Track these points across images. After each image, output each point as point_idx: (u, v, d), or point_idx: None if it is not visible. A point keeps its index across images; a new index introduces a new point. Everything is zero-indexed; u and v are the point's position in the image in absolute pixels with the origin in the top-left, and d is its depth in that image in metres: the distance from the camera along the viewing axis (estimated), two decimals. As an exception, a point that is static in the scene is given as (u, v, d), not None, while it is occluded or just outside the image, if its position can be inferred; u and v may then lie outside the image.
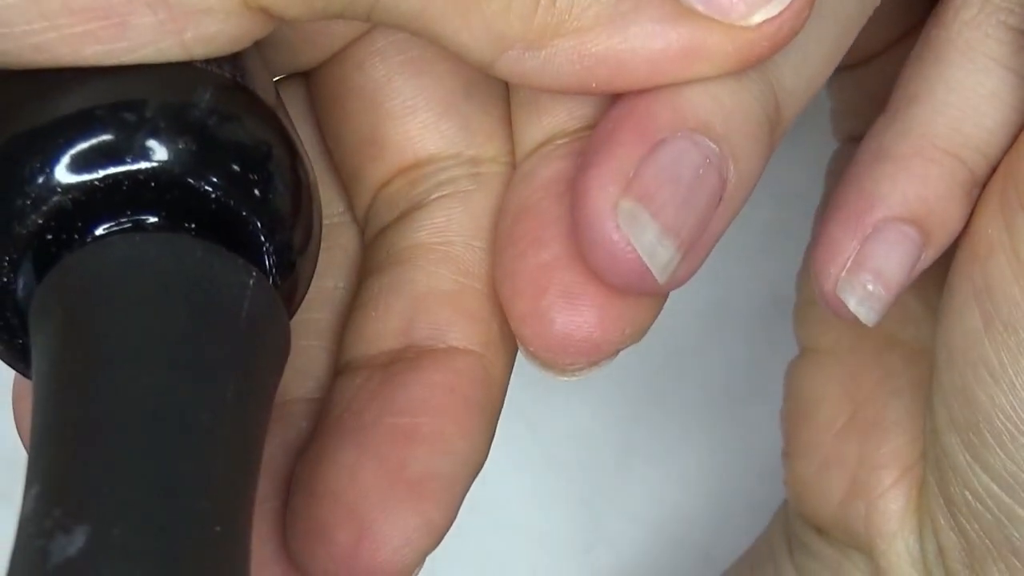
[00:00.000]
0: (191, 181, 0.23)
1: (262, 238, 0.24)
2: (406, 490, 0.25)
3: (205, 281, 0.22)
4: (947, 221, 0.28)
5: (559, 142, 0.27)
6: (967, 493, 0.29)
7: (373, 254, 0.29)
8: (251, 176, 0.24)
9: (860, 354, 0.34)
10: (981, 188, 0.29)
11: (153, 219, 0.23)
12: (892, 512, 0.32)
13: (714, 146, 0.25)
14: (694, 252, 0.25)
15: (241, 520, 0.21)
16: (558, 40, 0.24)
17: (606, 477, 0.44)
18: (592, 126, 0.26)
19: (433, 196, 0.28)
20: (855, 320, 0.28)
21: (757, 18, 0.24)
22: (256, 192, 0.24)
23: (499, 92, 0.28)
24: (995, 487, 0.29)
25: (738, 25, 0.24)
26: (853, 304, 0.28)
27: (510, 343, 0.27)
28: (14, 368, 0.24)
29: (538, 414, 0.44)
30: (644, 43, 0.24)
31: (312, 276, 0.25)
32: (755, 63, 0.25)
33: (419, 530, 0.25)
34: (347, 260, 0.29)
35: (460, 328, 0.27)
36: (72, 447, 0.20)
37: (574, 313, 0.25)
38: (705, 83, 0.25)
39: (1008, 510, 0.29)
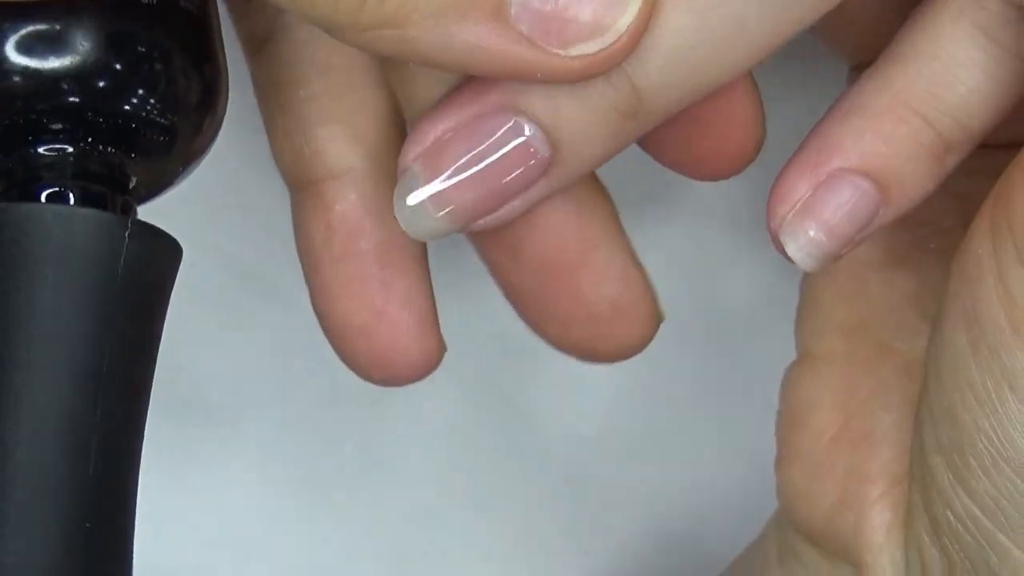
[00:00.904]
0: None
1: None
2: None
3: (77, 252, 0.22)
4: (908, 182, 0.28)
5: None
6: (950, 514, 0.30)
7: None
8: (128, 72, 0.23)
9: (854, 362, 0.34)
10: (957, 158, 0.29)
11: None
12: (880, 525, 0.32)
13: (531, 127, 0.27)
14: (487, 216, 0.28)
15: (120, 518, 0.22)
16: (381, 30, 0.25)
17: (605, 477, 0.44)
18: None
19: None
20: (795, 263, 0.29)
21: (574, 52, 0.26)
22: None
23: None
24: (976, 511, 0.29)
25: (555, 53, 0.26)
26: (791, 248, 0.28)
27: None
28: None
29: (534, 412, 0.44)
30: (461, 50, 0.26)
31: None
32: (563, 83, 0.27)
33: None
34: None
35: None
36: None
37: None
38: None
39: (988, 535, 0.29)
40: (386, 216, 0.30)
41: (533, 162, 0.27)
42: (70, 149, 0.23)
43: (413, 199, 0.27)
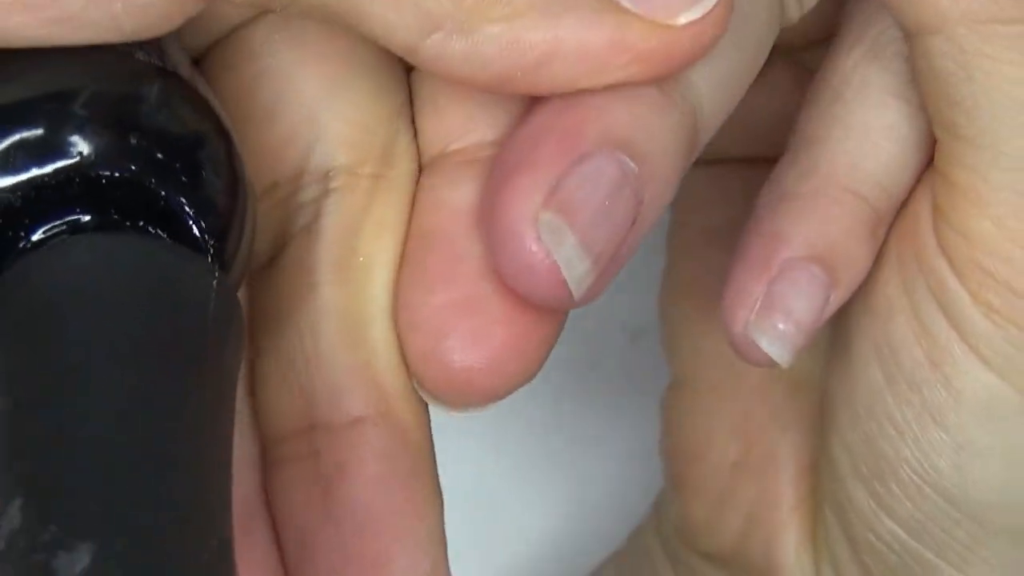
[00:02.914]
0: (134, 176, 0.22)
1: (201, 232, 0.23)
2: None
3: (172, 282, 0.22)
4: (852, 260, 0.28)
5: (457, 160, 0.27)
6: (871, 536, 0.30)
7: (258, 300, 0.27)
8: (190, 169, 0.23)
9: (746, 391, 0.34)
10: (886, 227, 0.29)
11: (87, 218, 0.23)
12: (789, 544, 0.33)
13: (633, 165, 0.25)
14: (607, 270, 0.25)
15: (230, 529, 0.21)
16: (487, 25, 0.24)
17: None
18: (492, 143, 0.26)
19: (297, 227, 0.27)
20: (768, 363, 0.28)
21: (682, 19, 0.25)
22: (195, 185, 0.23)
23: (362, 98, 0.27)
24: (902, 533, 0.30)
25: (664, 24, 0.25)
26: (765, 343, 0.28)
27: (409, 379, 0.27)
28: None
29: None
30: (574, 33, 0.24)
31: (247, 270, 0.25)
32: (678, 66, 0.25)
33: None
34: None
35: (357, 393, 0.26)
36: (55, 460, 0.20)
37: (476, 356, 0.25)
38: (630, 101, 0.25)
39: (915, 554, 0.30)
40: (256, 466, 0.27)
41: (633, 196, 0.25)
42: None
43: (568, 250, 0.24)
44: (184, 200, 0.23)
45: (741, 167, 0.34)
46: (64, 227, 0.22)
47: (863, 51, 0.29)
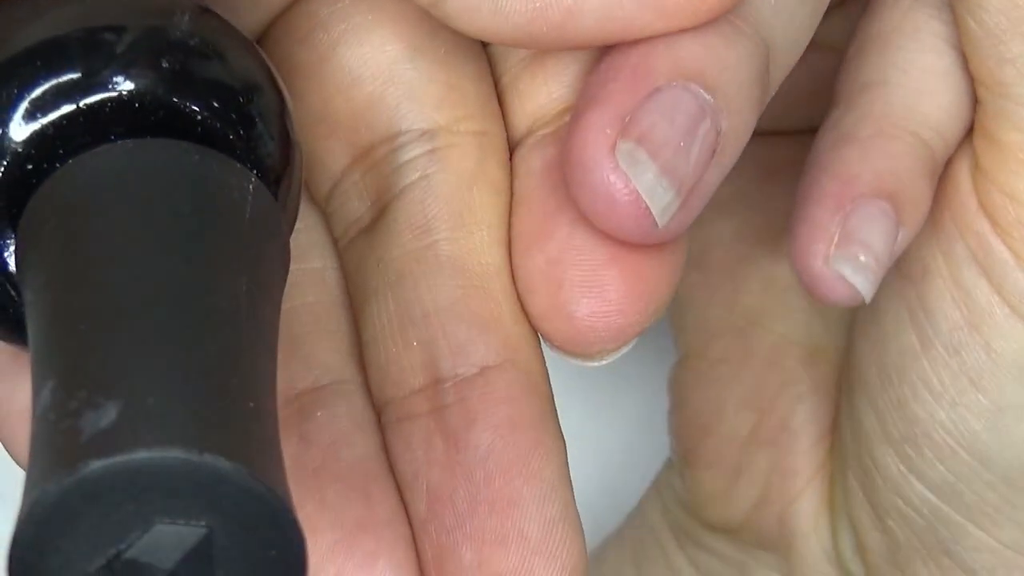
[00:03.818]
0: (176, 102, 0.23)
1: (249, 161, 0.24)
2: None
3: (208, 182, 0.22)
4: (917, 198, 0.28)
5: (543, 131, 0.27)
6: (899, 500, 0.30)
7: (360, 262, 0.27)
8: (237, 98, 0.24)
9: (756, 361, 0.34)
10: (939, 173, 0.29)
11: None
12: (806, 512, 0.33)
13: (709, 96, 0.25)
14: (690, 201, 0.25)
15: (271, 404, 0.21)
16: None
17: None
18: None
19: (401, 186, 0.27)
20: (849, 297, 0.28)
21: None
22: (241, 114, 0.24)
23: (444, 57, 0.27)
24: (931, 496, 0.30)
25: None
26: (849, 273, 0.28)
27: (533, 328, 0.27)
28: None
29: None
30: (630, 11, 0.24)
31: (298, 206, 0.25)
32: (705, 20, 0.25)
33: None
34: (322, 239, 0.28)
35: (483, 342, 0.26)
36: (91, 335, 0.20)
37: (593, 303, 0.25)
38: (701, 34, 0.25)
39: (944, 516, 0.30)
40: (372, 427, 0.26)
41: (712, 126, 0.25)
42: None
43: (648, 175, 0.24)
44: (220, 123, 0.23)
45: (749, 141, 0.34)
46: None
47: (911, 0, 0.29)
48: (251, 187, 0.22)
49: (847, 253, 0.28)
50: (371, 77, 0.27)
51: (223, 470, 0.19)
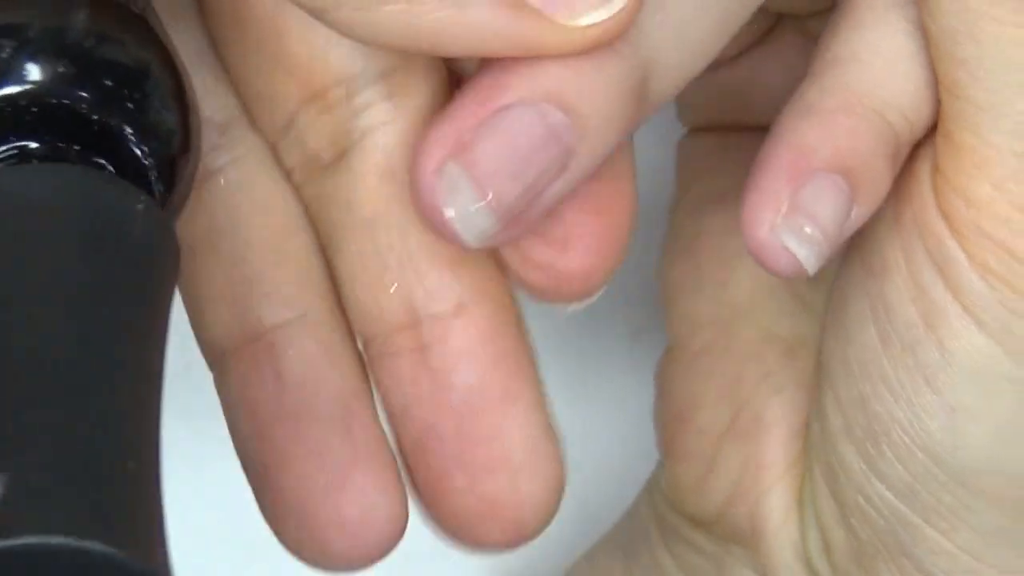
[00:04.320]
0: (69, 102, 0.23)
1: (143, 155, 0.24)
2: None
3: (92, 210, 0.22)
4: (875, 177, 0.28)
5: None
6: (861, 499, 0.30)
7: (326, 201, 0.28)
8: (129, 93, 0.24)
9: (736, 354, 0.34)
10: (904, 156, 0.29)
11: (35, 144, 0.23)
12: (776, 508, 0.33)
13: (564, 116, 0.25)
14: (519, 219, 0.25)
15: (151, 453, 0.21)
16: (390, 5, 0.24)
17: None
18: None
19: (361, 128, 0.28)
20: (793, 268, 0.28)
21: (584, 20, 0.25)
22: (134, 109, 0.24)
23: None
24: (890, 495, 0.30)
25: (563, 24, 0.25)
26: (794, 244, 0.28)
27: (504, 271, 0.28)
28: None
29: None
30: (472, 22, 0.24)
31: (190, 190, 0.25)
32: (572, 56, 0.25)
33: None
34: (274, 172, 0.29)
35: (458, 281, 0.28)
36: None
37: (568, 255, 0.27)
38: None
39: (903, 516, 0.30)
40: (344, 360, 0.28)
41: (562, 150, 0.25)
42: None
43: (464, 201, 0.25)
44: (113, 120, 0.24)
45: (746, 135, 0.34)
46: (15, 152, 0.23)
47: None
48: (140, 207, 0.22)
49: (793, 224, 0.28)
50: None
51: (102, 556, 0.19)
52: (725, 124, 0.35)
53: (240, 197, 0.28)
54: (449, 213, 0.25)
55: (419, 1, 0.24)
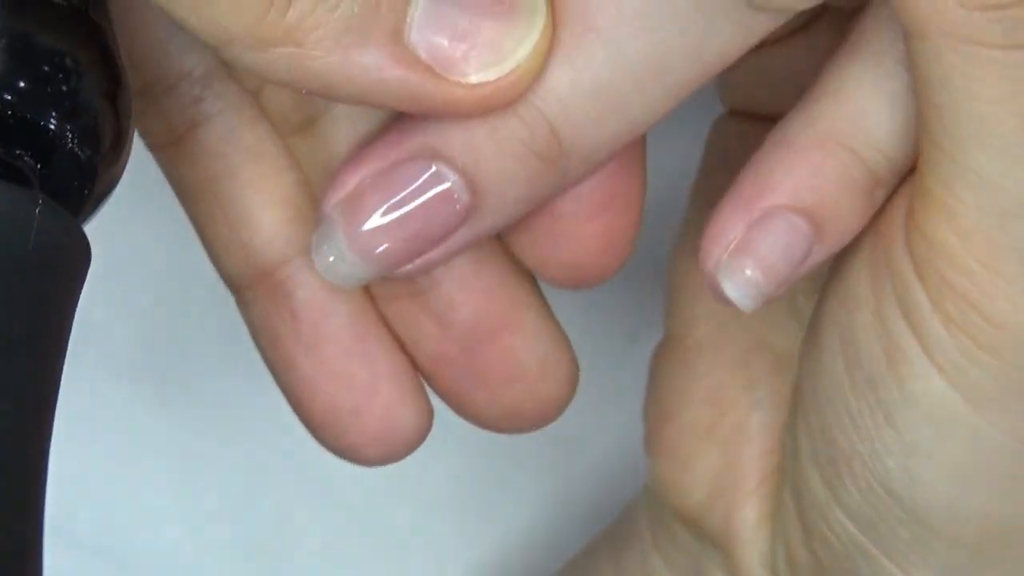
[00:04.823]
0: None
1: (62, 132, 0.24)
2: None
3: None
4: (841, 217, 0.28)
5: None
6: (823, 524, 0.30)
7: (306, 151, 0.30)
8: (51, 88, 0.24)
9: (727, 356, 0.34)
10: (886, 192, 0.28)
11: None
12: (749, 517, 0.33)
13: (450, 172, 0.26)
14: (403, 268, 0.27)
15: (31, 524, 0.21)
16: (276, 47, 0.25)
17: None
18: None
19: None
20: (732, 305, 0.28)
21: (473, 79, 0.25)
22: (52, 104, 0.24)
23: None
24: (851, 525, 0.30)
25: (453, 80, 0.25)
26: (728, 288, 0.28)
27: None
28: None
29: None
30: (361, 72, 0.25)
31: (112, 190, 0.25)
32: (465, 116, 0.26)
33: None
34: (255, 113, 0.30)
35: None
36: None
37: (578, 251, 0.29)
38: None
39: (863, 548, 0.30)
40: (352, 293, 0.30)
41: (453, 209, 0.26)
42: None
43: (331, 248, 0.27)
44: (38, 122, 0.24)
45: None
46: None
47: (888, 14, 0.28)
48: (37, 211, 0.22)
49: (735, 264, 0.28)
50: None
51: None
52: (763, 111, 0.34)
53: (232, 145, 0.30)
54: (318, 258, 0.27)
55: (309, 45, 0.24)
